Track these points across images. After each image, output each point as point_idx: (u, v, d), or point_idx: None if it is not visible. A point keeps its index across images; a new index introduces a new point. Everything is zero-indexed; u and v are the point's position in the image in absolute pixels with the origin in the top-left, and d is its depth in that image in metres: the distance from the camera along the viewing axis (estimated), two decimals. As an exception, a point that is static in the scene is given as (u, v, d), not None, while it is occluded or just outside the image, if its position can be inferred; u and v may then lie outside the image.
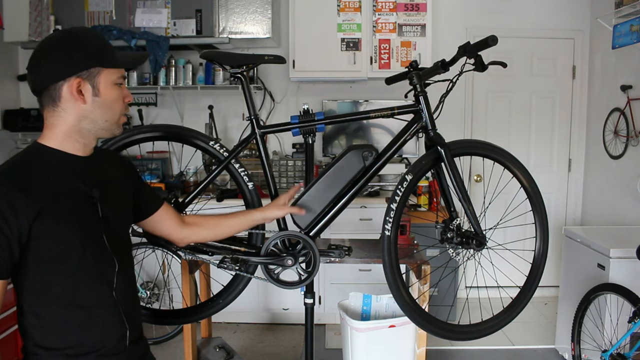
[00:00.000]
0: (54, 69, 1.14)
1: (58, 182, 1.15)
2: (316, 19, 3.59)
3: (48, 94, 1.15)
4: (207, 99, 3.93)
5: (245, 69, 1.75)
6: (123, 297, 1.25)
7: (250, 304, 3.57)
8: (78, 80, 1.14)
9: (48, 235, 1.11)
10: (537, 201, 1.86)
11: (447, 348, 3.23)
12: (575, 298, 2.74)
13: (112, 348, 1.22)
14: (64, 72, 1.14)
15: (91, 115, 1.18)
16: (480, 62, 1.70)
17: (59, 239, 1.12)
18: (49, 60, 1.15)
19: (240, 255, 1.74)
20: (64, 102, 1.15)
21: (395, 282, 1.69)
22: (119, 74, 1.21)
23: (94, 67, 1.16)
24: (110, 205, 1.23)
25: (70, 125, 1.17)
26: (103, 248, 1.20)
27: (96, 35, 1.22)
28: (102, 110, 1.19)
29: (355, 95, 3.99)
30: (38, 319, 1.16)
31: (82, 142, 1.21)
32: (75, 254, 1.15)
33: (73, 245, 1.14)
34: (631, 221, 3.37)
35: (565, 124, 4.13)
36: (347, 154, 1.75)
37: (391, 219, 1.68)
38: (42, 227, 1.09)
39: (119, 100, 1.22)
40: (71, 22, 3.53)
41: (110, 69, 1.18)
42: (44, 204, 1.10)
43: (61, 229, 1.12)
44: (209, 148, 1.79)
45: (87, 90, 1.16)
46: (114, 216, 1.24)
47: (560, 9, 3.98)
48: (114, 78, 1.20)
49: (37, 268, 1.13)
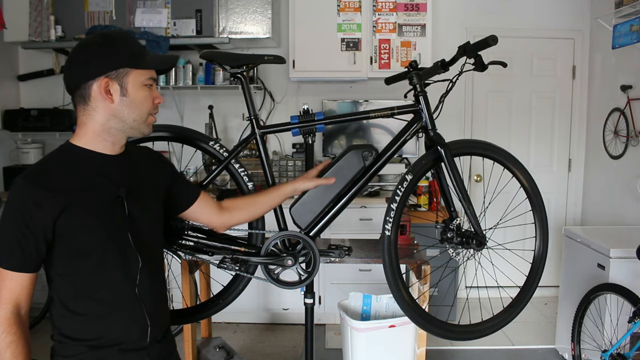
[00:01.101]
0: (84, 69, 1.20)
1: (85, 180, 1.21)
2: (316, 19, 3.59)
3: (79, 93, 1.22)
4: (207, 99, 3.94)
5: (245, 69, 1.75)
6: (146, 294, 1.28)
7: (250, 304, 3.57)
8: (106, 80, 1.20)
9: (71, 232, 1.17)
10: (537, 201, 1.85)
11: (447, 348, 3.23)
12: (575, 298, 2.74)
13: (133, 343, 1.26)
14: (94, 72, 1.19)
15: (119, 114, 1.23)
16: (480, 62, 1.70)
17: (82, 235, 1.18)
18: (80, 61, 1.21)
19: (240, 255, 1.74)
20: (93, 101, 1.21)
21: (396, 282, 1.69)
22: (148, 75, 1.26)
23: (122, 68, 1.21)
24: (138, 202, 1.28)
25: (100, 124, 1.23)
26: (127, 245, 1.24)
27: (128, 37, 1.27)
28: (129, 110, 1.23)
29: (355, 95, 3.99)
30: (65, 309, 1.22)
31: (110, 140, 1.26)
32: (98, 250, 1.21)
33: (96, 241, 1.20)
34: (631, 221, 3.37)
35: (565, 124, 4.13)
36: (347, 154, 1.75)
37: (391, 219, 1.69)
38: (66, 224, 1.16)
39: (147, 100, 1.26)
40: (71, 22, 3.53)
41: (139, 70, 1.23)
42: (68, 201, 1.15)
43: (84, 226, 1.18)
44: (209, 148, 1.79)
45: (115, 90, 1.21)
46: (141, 214, 1.29)
47: (560, 9, 3.98)
48: (142, 79, 1.24)
49: (63, 262, 1.19)
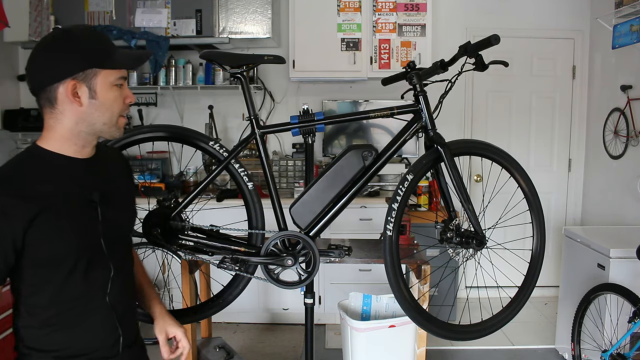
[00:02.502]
0: (49, 70, 1.11)
1: (55, 186, 1.13)
2: (316, 19, 3.59)
3: (45, 96, 1.13)
4: (207, 99, 3.93)
5: (245, 69, 1.75)
6: (117, 302, 1.23)
7: (250, 304, 3.57)
8: (73, 83, 1.11)
9: (43, 240, 1.09)
10: (534, 201, 1.87)
11: (447, 348, 3.22)
12: (575, 298, 2.74)
13: (104, 352, 1.21)
14: (60, 74, 1.11)
15: (88, 118, 1.15)
16: (481, 62, 1.70)
17: (54, 244, 1.10)
18: (44, 61, 1.12)
19: (240, 255, 1.74)
20: (60, 104, 1.13)
21: (397, 282, 1.69)
22: (118, 74, 1.17)
23: (90, 69, 1.12)
24: (112, 207, 1.22)
25: (68, 129, 1.15)
26: (99, 253, 1.19)
27: (95, 34, 1.17)
28: (99, 113, 1.15)
29: (355, 95, 3.99)
30: (30, 320, 1.15)
31: (80, 144, 1.18)
32: (70, 258, 1.13)
33: (68, 250, 1.13)
34: (631, 221, 3.36)
35: (565, 124, 4.13)
36: (347, 154, 1.75)
37: (393, 219, 1.68)
38: (37, 233, 1.08)
39: (117, 101, 1.17)
40: (71, 22, 3.53)
41: (109, 70, 1.14)
42: (39, 209, 1.07)
43: (57, 234, 1.10)
44: (209, 148, 1.79)
45: (83, 93, 1.12)
46: (115, 218, 1.23)
47: (560, 9, 3.98)
48: (112, 79, 1.15)
49: (31, 271, 1.12)
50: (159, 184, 3.65)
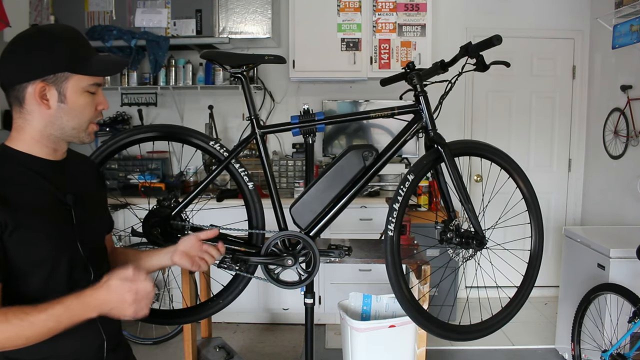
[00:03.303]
0: (19, 69, 1.07)
1: (28, 189, 1.09)
2: (316, 19, 3.59)
3: (14, 94, 1.09)
4: (207, 99, 3.93)
5: (245, 69, 1.75)
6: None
7: (250, 304, 3.57)
8: (43, 85, 1.07)
9: (19, 245, 1.04)
10: (533, 202, 1.88)
11: (447, 348, 3.23)
12: (575, 298, 2.74)
13: (88, 358, 1.19)
14: (29, 74, 1.07)
15: (57, 121, 1.11)
16: (482, 62, 1.70)
17: (30, 248, 1.06)
18: (16, 58, 1.08)
19: (240, 255, 1.74)
20: (28, 105, 1.09)
21: (398, 283, 1.69)
22: (92, 80, 1.12)
23: (61, 72, 1.08)
24: (85, 211, 1.18)
25: (38, 130, 1.11)
26: (77, 256, 1.15)
27: (72, 36, 1.12)
28: (68, 117, 1.11)
29: (355, 95, 3.99)
30: None
31: (51, 147, 1.14)
32: (45, 263, 1.09)
33: (46, 253, 1.09)
34: (631, 221, 3.37)
35: (565, 124, 4.13)
36: (347, 154, 1.75)
37: (394, 219, 1.68)
38: (8, 240, 1.03)
39: (88, 107, 1.13)
40: (71, 22, 3.52)
41: (81, 75, 1.10)
42: (11, 214, 1.03)
43: (32, 238, 1.06)
44: (209, 148, 1.79)
45: (52, 96, 1.08)
46: (90, 223, 1.20)
47: (560, 9, 3.98)
48: (84, 85, 1.11)
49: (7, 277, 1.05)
50: (159, 184, 3.65)
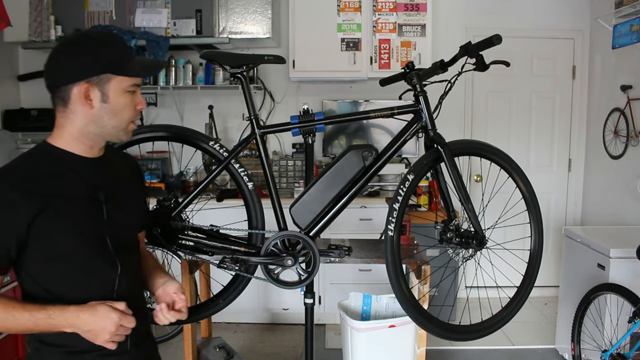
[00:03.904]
0: (65, 71, 1.16)
1: (62, 182, 1.17)
2: (316, 19, 3.59)
3: (59, 94, 1.17)
4: (207, 99, 3.93)
5: (245, 69, 1.75)
6: (125, 299, 1.23)
7: (250, 304, 3.57)
8: (87, 86, 1.15)
9: (45, 235, 1.12)
10: (532, 202, 1.88)
11: (447, 348, 3.23)
12: (575, 298, 2.74)
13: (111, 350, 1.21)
14: (75, 76, 1.15)
15: (99, 120, 1.19)
16: (481, 62, 1.70)
17: (56, 239, 1.13)
18: (62, 61, 1.17)
19: (240, 255, 1.74)
20: (72, 105, 1.17)
21: (399, 283, 1.69)
22: (132, 81, 1.21)
23: (104, 74, 1.16)
24: (117, 206, 1.25)
25: (78, 128, 1.19)
26: (105, 250, 1.21)
27: (113, 40, 1.21)
28: (109, 117, 1.19)
29: (355, 95, 3.99)
30: None
31: (89, 144, 1.22)
32: (75, 254, 1.16)
33: (73, 245, 1.16)
34: (631, 221, 3.36)
35: (565, 124, 4.13)
36: (347, 154, 1.75)
37: (394, 219, 1.68)
38: (41, 228, 1.11)
39: (128, 107, 1.22)
40: (71, 22, 3.53)
41: (122, 76, 1.18)
42: (45, 203, 1.11)
43: (61, 229, 1.13)
44: (209, 148, 1.79)
45: (95, 96, 1.16)
46: (120, 218, 1.26)
47: (560, 9, 3.98)
48: (125, 85, 1.19)
49: (37, 267, 1.15)
50: (159, 184, 3.65)
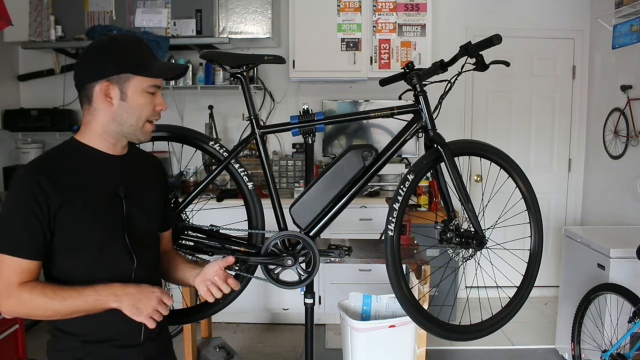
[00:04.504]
0: (89, 70, 1.25)
1: (85, 177, 1.25)
2: (316, 19, 3.59)
3: (84, 93, 1.26)
4: (207, 99, 3.93)
5: (245, 69, 1.75)
6: None
7: (250, 304, 3.57)
8: (107, 84, 1.23)
9: (68, 226, 1.19)
10: (532, 202, 1.88)
11: (447, 348, 3.23)
12: (575, 298, 2.74)
13: (126, 340, 1.28)
14: (97, 74, 1.23)
15: (118, 118, 1.26)
16: (481, 62, 1.70)
17: (78, 231, 1.21)
18: (87, 62, 1.26)
19: (240, 255, 1.74)
20: (95, 102, 1.25)
21: (399, 283, 1.69)
22: (152, 82, 1.27)
23: (124, 73, 1.23)
24: (137, 204, 1.31)
25: (101, 125, 1.26)
26: (122, 244, 1.27)
27: (137, 42, 1.29)
28: (128, 114, 1.26)
29: (355, 95, 3.99)
30: None
31: (111, 141, 1.29)
32: (92, 246, 1.23)
33: (91, 238, 1.22)
34: (631, 221, 3.36)
35: (565, 124, 4.13)
36: (347, 154, 1.75)
37: (394, 219, 1.68)
38: (64, 218, 1.19)
39: (146, 107, 1.27)
40: (71, 22, 3.54)
41: (142, 76, 1.25)
42: (68, 196, 1.19)
43: (80, 221, 1.21)
44: (209, 148, 1.79)
45: (115, 94, 1.24)
46: (139, 215, 1.31)
47: (560, 9, 3.98)
48: (144, 86, 1.26)
49: (59, 256, 1.22)
50: (159, 184, 3.64)
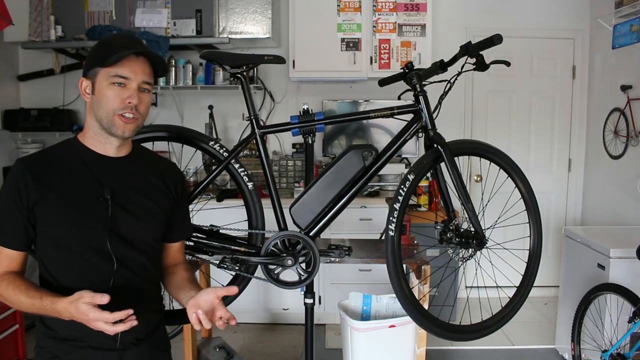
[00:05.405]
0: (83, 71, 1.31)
1: (72, 176, 1.25)
2: (316, 19, 3.59)
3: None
4: (207, 99, 3.93)
5: (245, 69, 1.75)
6: (121, 297, 1.21)
7: (250, 304, 3.57)
8: (82, 80, 1.27)
9: (46, 221, 1.21)
10: (531, 202, 1.89)
11: (447, 348, 3.22)
12: (575, 298, 2.74)
13: (102, 343, 1.24)
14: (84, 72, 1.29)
15: (92, 112, 1.27)
16: (482, 62, 1.70)
17: (56, 228, 1.22)
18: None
19: (240, 255, 1.74)
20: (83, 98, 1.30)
21: (399, 282, 1.69)
22: (114, 72, 1.24)
23: (95, 67, 1.25)
24: (124, 207, 1.28)
25: (88, 123, 1.29)
26: (102, 246, 1.24)
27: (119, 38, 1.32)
28: (97, 107, 1.26)
29: (355, 95, 3.99)
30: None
31: (100, 140, 1.29)
32: (70, 245, 1.23)
33: (65, 235, 1.22)
34: (631, 221, 3.36)
35: (565, 124, 4.13)
36: (347, 154, 1.75)
37: (395, 219, 1.68)
38: (40, 213, 1.21)
39: (114, 99, 1.24)
40: (71, 22, 3.53)
41: (107, 68, 1.24)
42: (45, 192, 1.20)
43: (56, 219, 1.21)
44: (209, 148, 1.79)
45: (89, 89, 1.27)
46: (127, 218, 1.28)
47: (560, 9, 3.98)
48: (108, 77, 1.24)
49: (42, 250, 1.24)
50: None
